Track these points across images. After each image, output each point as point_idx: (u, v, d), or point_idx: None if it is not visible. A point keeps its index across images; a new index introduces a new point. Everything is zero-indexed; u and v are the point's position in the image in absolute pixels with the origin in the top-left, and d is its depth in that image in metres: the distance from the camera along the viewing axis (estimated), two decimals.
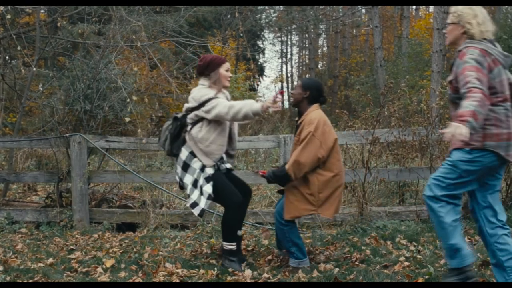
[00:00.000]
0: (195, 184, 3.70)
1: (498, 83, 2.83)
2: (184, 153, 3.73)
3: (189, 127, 3.74)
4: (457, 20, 2.94)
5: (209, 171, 3.69)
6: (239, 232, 3.86)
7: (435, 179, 2.95)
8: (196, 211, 3.68)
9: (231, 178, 3.86)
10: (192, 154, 3.71)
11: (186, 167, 3.72)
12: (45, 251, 4.41)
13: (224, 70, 3.77)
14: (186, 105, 3.80)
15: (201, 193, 3.66)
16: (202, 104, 3.64)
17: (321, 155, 3.49)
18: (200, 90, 3.72)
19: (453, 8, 3.00)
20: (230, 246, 3.73)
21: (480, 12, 2.92)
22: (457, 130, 2.54)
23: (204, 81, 3.78)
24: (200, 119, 3.69)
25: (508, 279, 2.87)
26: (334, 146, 3.57)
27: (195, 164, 3.69)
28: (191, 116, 3.73)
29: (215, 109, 3.58)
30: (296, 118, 3.80)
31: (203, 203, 3.65)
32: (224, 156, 3.82)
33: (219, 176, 3.73)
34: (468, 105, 2.60)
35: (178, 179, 3.83)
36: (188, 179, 3.72)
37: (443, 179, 2.92)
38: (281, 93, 4.18)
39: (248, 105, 3.53)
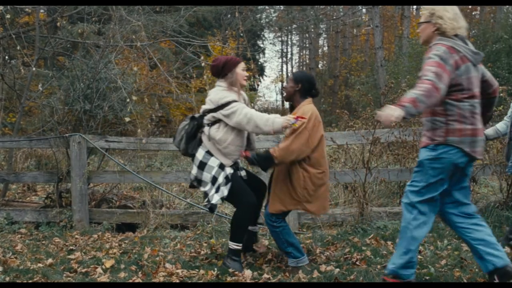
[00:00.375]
0: (213, 181, 3.68)
1: (465, 79, 2.86)
2: (200, 153, 3.73)
3: (206, 128, 3.74)
4: (429, 18, 2.98)
5: (228, 170, 3.69)
6: (256, 228, 3.90)
7: (410, 185, 3.02)
8: (210, 205, 3.70)
9: (248, 175, 3.89)
10: (209, 154, 3.71)
11: (202, 165, 3.71)
12: (44, 252, 4.40)
13: (241, 69, 3.77)
14: (203, 107, 3.80)
15: (217, 191, 3.65)
16: (221, 106, 3.64)
17: (308, 147, 3.48)
18: (218, 92, 3.70)
19: (425, 7, 3.04)
20: (235, 246, 3.71)
21: (451, 9, 2.96)
22: (390, 112, 2.64)
23: (221, 82, 3.76)
24: (217, 120, 3.69)
25: (489, 267, 2.96)
26: (320, 143, 3.57)
27: (213, 162, 3.68)
28: (208, 117, 3.73)
29: (235, 116, 3.58)
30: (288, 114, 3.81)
31: (215, 199, 3.64)
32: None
33: (236, 176, 3.73)
34: (412, 93, 2.70)
35: (192, 178, 3.80)
36: (206, 177, 3.70)
37: (415, 183, 2.98)
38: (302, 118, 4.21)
39: (270, 123, 3.49)
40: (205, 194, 3.72)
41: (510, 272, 2.93)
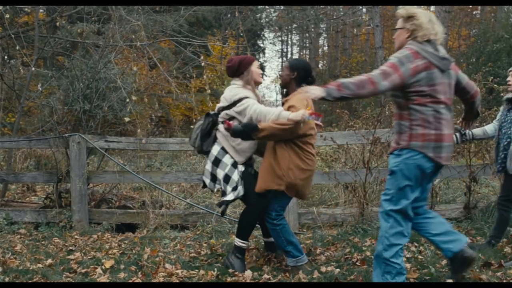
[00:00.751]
0: (226, 179, 3.68)
1: (427, 85, 2.83)
2: (215, 149, 3.74)
3: (220, 125, 3.75)
4: (404, 24, 2.97)
5: (241, 168, 3.69)
6: (271, 239, 3.87)
7: (384, 193, 3.01)
8: (222, 205, 3.72)
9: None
10: (224, 150, 3.72)
11: (217, 162, 3.71)
12: (44, 252, 4.39)
13: (255, 67, 3.79)
14: (218, 105, 3.82)
15: (234, 190, 3.65)
16: (234, 103, 3.65)
17: (298, 131, 3.43)
18: (232, 90, 3.73)
19: (399, 13, 3.03)
20: (241, 243, 3.70)
21: (426, 15, 2.95)
22: (312, 90, 2.82)
23: (237, 81, 3.78)
24: (231, 118, 3.69)
25: (448, 254, 3.03)
26: (311, 130, 3.53)
27: (227, 160, 3.69)
28: (222, 114, 3.75)
29: (247, 112, 3.58)
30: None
31: (230, 197, 3.64)
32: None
33: (249, 175, 3.73)
34: (343, 79, 2.82)
35: (207, 174, 3.79)
36: (219, 174, 3.70)
37: (387, 191, 2.98)
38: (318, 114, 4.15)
39: (281, 118, 3.44)
40: (223, 193, 3.73)
41: (467, 253, 2.98)
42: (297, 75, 3.61)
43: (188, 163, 8.94)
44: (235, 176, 3.64)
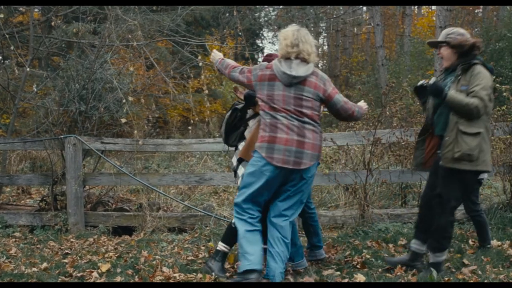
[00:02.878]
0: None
1: (266, 93, 3.27)
2: (242, 146, 3.72)
3: (250, 121, 3.72)
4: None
5: None
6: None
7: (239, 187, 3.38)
8: None
9: None
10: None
11: (241, 160, 3.68)
12: (39, 256, 4.37)
13: None
14: None
15: None
16: None
17: None
18: None
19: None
20: (224, 248, 3.62)
21: (290, 36, 3.32)
22: (214, 53, 3.71)
23: None
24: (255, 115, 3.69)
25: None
26: None
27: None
28: (249, 111, 3.74)
29: None
30: None
31: None
32: None
33: None
34: (228, 59, 3.61)
35: (232, 166, 3.81)
36: (240, 171, 3.66)
37: (241, 185, 3.33)
38: None
39: None
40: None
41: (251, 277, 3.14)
42: None
43: (186, 164, 8.90)
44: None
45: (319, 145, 3.29)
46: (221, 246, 3.61)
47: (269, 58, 3.74)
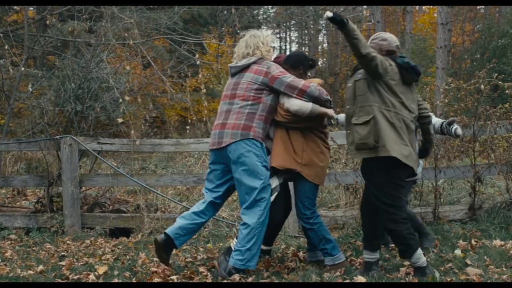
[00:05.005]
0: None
1: (227, 84, 3.67)
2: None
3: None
4: None
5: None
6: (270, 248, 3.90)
7: None
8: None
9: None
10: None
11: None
12: (35, 258, 4.35)
13: None
14: None
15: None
16: None
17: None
18: None
19: None
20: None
21: (242, 41, 3.75)
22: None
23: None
24: None
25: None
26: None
27: None
28: None
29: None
30: None
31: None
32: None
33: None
34: None
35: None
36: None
37: None
38: None
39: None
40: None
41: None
42: (302, 68, 3.69)
43: (183, 165, 8.85)
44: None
45: (243, 123, 3.46)
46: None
47: (276, 60, 3.78)
